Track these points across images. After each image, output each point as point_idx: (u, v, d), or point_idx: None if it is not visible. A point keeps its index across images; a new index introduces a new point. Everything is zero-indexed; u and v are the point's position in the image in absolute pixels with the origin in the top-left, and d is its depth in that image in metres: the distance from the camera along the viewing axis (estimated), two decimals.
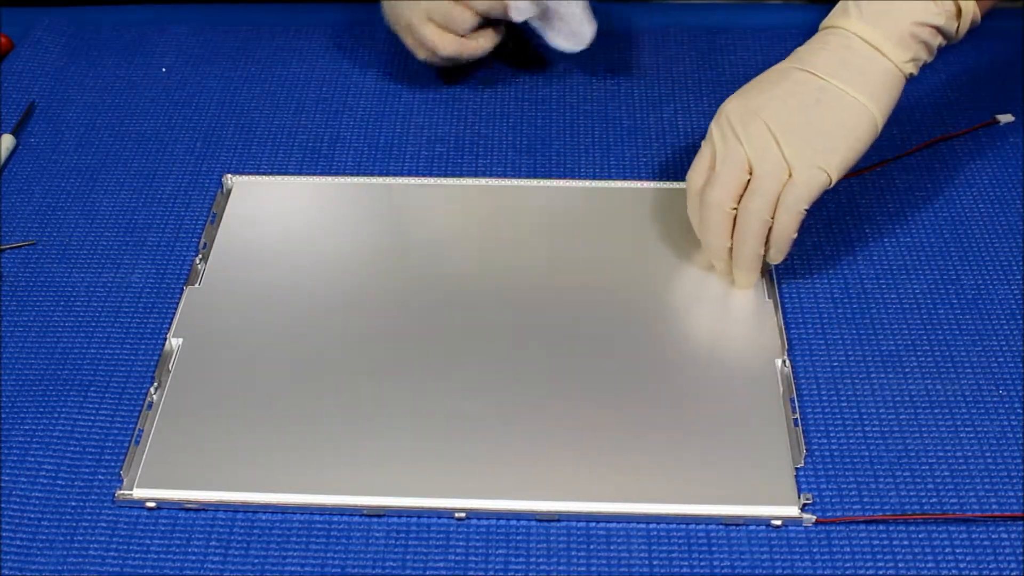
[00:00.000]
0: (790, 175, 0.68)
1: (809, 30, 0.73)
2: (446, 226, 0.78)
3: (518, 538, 0.61)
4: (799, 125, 0.68)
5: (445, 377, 0.68)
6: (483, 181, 0.81)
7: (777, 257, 0.71)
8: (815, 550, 0.60)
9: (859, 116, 0.68)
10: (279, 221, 0.79)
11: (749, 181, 0.69)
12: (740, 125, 0.69)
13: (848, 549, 0.60)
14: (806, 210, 0.68)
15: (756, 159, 0.68)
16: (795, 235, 0.69)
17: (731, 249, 0.71)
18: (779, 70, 0.71)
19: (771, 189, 0.68)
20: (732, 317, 0.72)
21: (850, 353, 0.69)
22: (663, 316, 0.72)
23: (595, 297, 0.72)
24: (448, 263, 0.75)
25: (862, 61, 0.69)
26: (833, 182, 0.68)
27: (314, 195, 0.81)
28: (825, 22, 0.72)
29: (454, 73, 0.90)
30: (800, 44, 0.72)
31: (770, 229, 0.69)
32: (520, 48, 0.93)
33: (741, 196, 0.69)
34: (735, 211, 0.69)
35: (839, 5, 0.71)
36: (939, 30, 0.70)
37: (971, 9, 0.70)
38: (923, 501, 0.62)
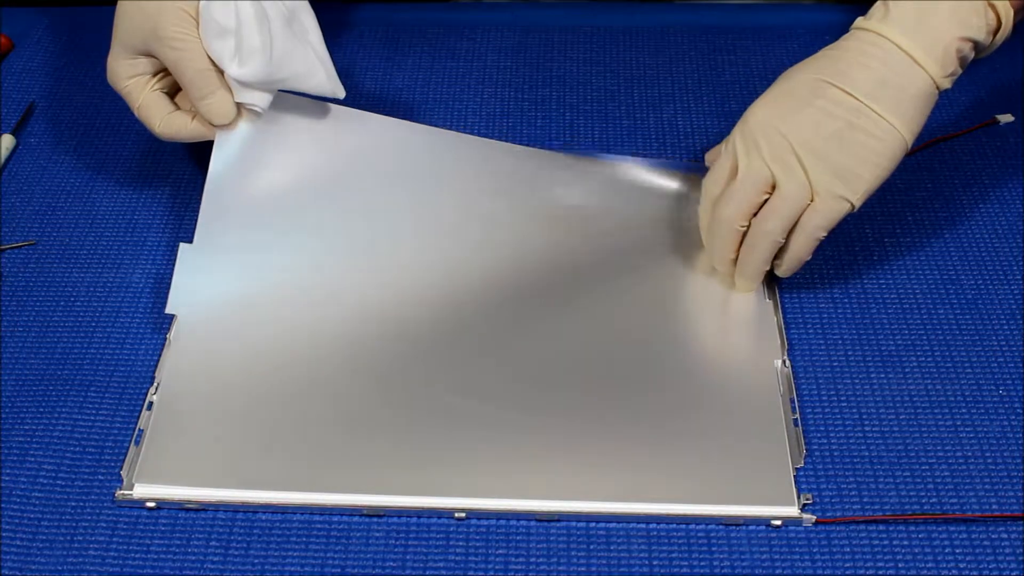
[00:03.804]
0: (812, 199, 0.67)
1: (809, 30, 0.74)
2: (445, 225, 0.78)
3: (518, 538, 0.61)
4: (829, 151, 0.66)
5: (445, 376, 0.68)
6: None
7: (786, 273, 0.70)
8: (815, 550, 0.60)
9: (891, 142, 0.67)
10: (279, 220, 0.79)
11: (766, 200, 0.68)
12: (767, 144, 0.67)
13: (848, 549, 0.60)
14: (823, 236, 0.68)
15: (781, 180, 0.67)
16: (808, 258, 0.69)
17: (736, 259, 0.70)
18: (812, 83, 0.67)
19: (791, 213, 0.67)
20: (732, 318, 0.72)
21: (850, 353, 0.69)
22: (662, 317, 0.72)
23: (594, 297, 0.72)
24: (447, 262, 0.75)
25: (902, 80, 0.66)
26: (856, 209, 0.67)
27: (314, 195, 0.80)
28: (863, 22, 0.68)
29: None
30: (799, 44, 0.72)
31: (782, 248, 0.69)
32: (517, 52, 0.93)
33: (754, 214, 0.68)
34: (745, 227, 0.69)
35: (880, 6, 0.68)
36: (976, 44, 0.67)
37: (1010, 24, 0.67)
38: (923, 501, 0.62)
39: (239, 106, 0.72)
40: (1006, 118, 0.85)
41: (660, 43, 0.94)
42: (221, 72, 0.71)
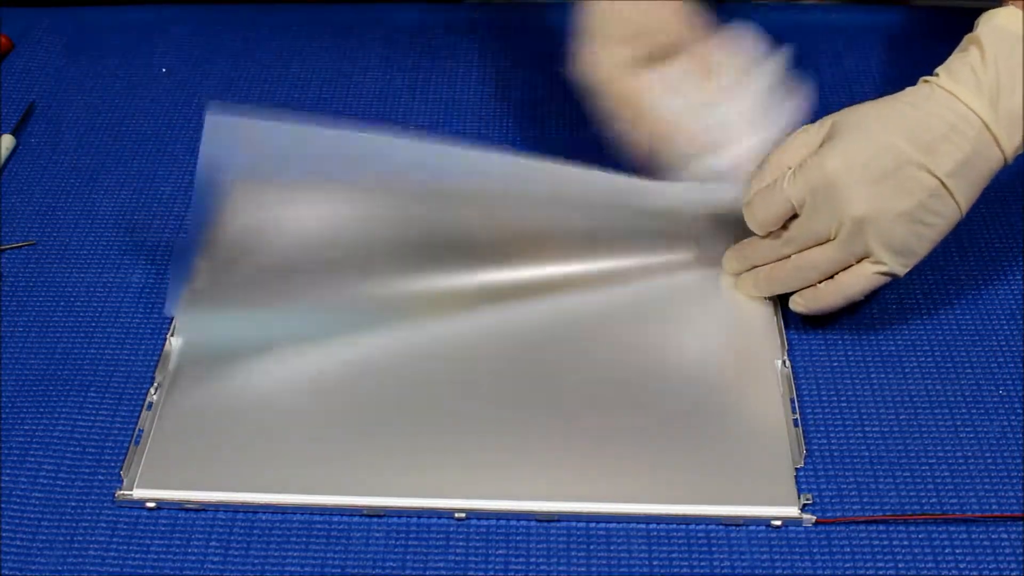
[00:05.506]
0: (859, 261, 0.66)
1: (809, 30, 0.73)
2: (445, 227, 0.77)
3: (518, 538, 0.61)
4: (896, 229, 0.64)
5: (445, 377, 0.68)
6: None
7: (802, 312, 0.69)
8: (815, 550, 0.60)
9: (951, 220, 0.65)
10: (279, 221, 0.79)
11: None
12: (835, 208, 0.64)
13: (848, 549, 0.60)
14: None
15: (837, 244, 0.65)
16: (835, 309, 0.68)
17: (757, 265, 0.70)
18: (897, 155, 0.63)
19: (834, 269, 0.66)
20: (732, 318, 0.72)
21: (850, 353, 0.69)
22: (663, 317, 0.72)
23: (594, 296, 0.72)
24: (448, 263, 0.75)
25: (981, 161, 0.64)
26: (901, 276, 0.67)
27: (316, 196, 0.80)
28: (952, 85, 0.64)
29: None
30: (799, 44, 0.72)
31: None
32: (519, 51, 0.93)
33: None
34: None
35: (965, 68, 0.64)
36: None
37: None
38: (923, 501, 0.62)
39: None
40: None
41: None
42: None
